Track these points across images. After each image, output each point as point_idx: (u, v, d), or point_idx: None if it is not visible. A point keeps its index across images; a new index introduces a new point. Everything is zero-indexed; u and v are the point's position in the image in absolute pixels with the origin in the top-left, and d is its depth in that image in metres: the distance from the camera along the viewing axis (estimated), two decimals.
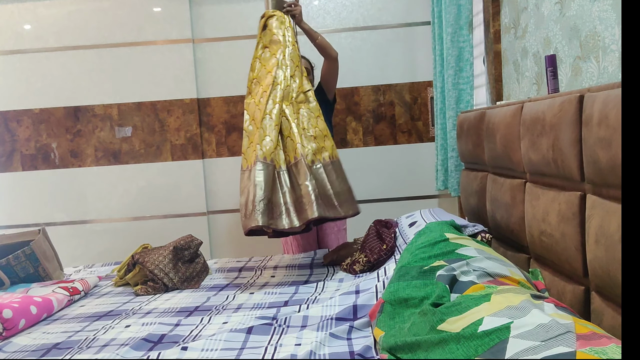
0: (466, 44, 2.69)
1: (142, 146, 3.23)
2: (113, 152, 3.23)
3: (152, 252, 2.18)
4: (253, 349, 1.41)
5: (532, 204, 1.57)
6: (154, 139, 3.23)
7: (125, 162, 3.24)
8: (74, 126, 3.22)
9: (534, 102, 1.56)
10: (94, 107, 3.22)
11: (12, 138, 3.22)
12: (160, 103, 3.21)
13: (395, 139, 3.25)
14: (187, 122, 3.22)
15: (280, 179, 2.11)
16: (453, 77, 2.71)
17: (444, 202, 3.27)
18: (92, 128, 3.22)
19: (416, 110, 3.24)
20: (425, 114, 3.23)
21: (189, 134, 3.22)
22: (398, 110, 3.23)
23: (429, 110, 3.21)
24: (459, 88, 2.71)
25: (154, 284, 2.08)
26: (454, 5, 2.67)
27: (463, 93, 2.71)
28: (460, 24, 2.67)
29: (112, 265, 2.57)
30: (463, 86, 2.71)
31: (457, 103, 2.72)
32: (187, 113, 3.22)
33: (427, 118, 3.23)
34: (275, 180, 2.10)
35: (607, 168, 1.15)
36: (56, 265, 2.33)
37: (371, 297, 1.63)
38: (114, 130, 3.23)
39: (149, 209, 3.25)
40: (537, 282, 1.54)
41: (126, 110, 3.22)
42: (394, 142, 3.26)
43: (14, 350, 1.54)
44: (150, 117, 3.22)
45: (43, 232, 2.33)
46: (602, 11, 1.57)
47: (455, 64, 2.70)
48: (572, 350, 0.88)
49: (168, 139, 3.23)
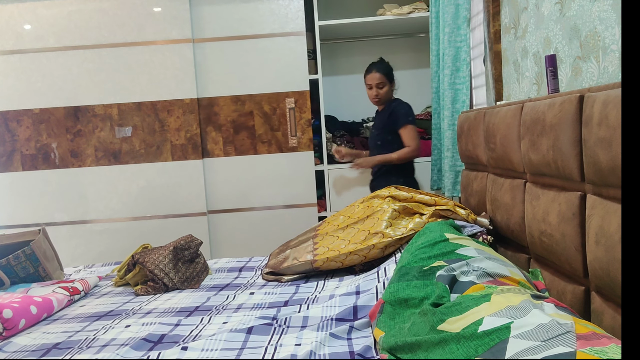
0: (463, 43, 2.67)
1: (142, 146, 3.23)
2: (113, 152, 3.23)
3: (152, 252, 2.18)
4: (253, 349, 1.41)
5: (532, 204, 1.57)
6: (154, 139, 3.23)
7: (125, 162, 3.24)
8: (74, 126, 3.22)
9: (534, 102, 1.56)
10: (94, 107, 3.22)
11: (12, 138, 3.22)
12: (160, 103, 3.22)
13: (256, 149, 3.24)
14: (187, 122, 3.22)
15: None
16: (449, 76, 2.70)
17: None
18: (92, 128, 3.22)
19: (275, 120, 3.23)
20: (284, 125, 3.22)
21: (189, 134, 3.22)
22: (257, 121, 3.21)
23: (287, 121, 3.19)
24: (455, 88, 2.70)
25: (154, 284, 2.07)
26: (452, 5, 2.66)
27: (459, 93, 2.70)
28: (458, 23, 2.67)
29: (112, 265, 2.57)
30: (459, 86, 2.70)
31: (453, 103, 2.71)
32: (187, 113, 3.22)
33: (286, 129, 3.22)
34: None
35: (607, 168, 1.15)
36: (56, 265, 2.33)
37: (371, 297, 1.63)
38: (114, 130, 3.23)
39: (149, 209, 3.25)
40: (537, 282, 1.54)
41: (126, 110, 3.22)
42: (254, 152, 3.25)
43: (14, 350, 1.54)
44: (150, 117, 3.22)
45: (43, 232, 2.33)
46: (602, 11, 1.57)
47: (452, 64, 2.69)
48: (572, 350, 0.88)
49: (168, 139, 3.23)
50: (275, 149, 3.26)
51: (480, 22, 2.80)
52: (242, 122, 3.24)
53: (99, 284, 2.27)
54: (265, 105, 3.23)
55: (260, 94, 3.24)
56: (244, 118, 3.24)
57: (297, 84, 3.24)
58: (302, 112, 3.24)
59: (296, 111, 3.23)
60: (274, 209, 3.31)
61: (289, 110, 3.21)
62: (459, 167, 2.72)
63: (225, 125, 3.25)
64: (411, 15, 3.26)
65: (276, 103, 3.23)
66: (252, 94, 3.24)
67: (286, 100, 3.22)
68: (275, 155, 3.27)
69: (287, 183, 3.29)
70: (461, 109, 2.69)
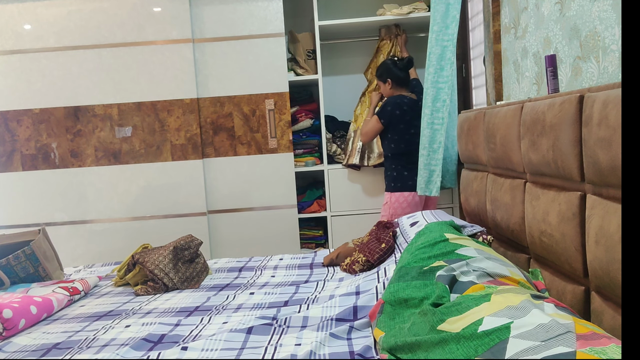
0: (449, 43, 2.67)
1: (142, 146, 3.23)
2: (113, 152, 3.23)
3: (152, 252, 2.18)
4: (253, 349, 1.41)
5: (532, 204, 1.57)
6: (154, 139, 3.23)
7: (125, 162, 3.24)
8: (74, 126, 3.22)
9: (534, 102, 1.56)
10: (94, 107, 3.22)
11: (12, 138, 3.22)
12: (160, 103, 3.21)
13: (235, 151, 3.24)
14: (187, 122, 3.22)
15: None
16: (433, 75, 2.70)
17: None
18: (92, 128, 3.22)
19: (254, 122, 3.22)
20: (264, 126, 3.21)
21: (189, 134, 3.22)
22: (237, 122, 3.20)
23: (267, 122, 3.18)
24: (437, 87, 2.70)
25: (154, 284, 2.08)
26: (443, 4, 2.66)
27: (441, 92, 2.70)
28: (447, 23, 2.66)
29: (112, 265, 2.57)
30: (441, 85, 2.70)
31: (434, 102, 2.71)
32: (187, 113, 3.22)
33: (265, 130, 3.21)
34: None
35: (607, 168, 1.15)
36: (56, 265, 2.33)
37: (371, 298, 1.63)
38: (114, 130, 3.23)
39: (149, 209, 3.25)
40: (537, 282, 1.54)
41: (126, 110, 3.22)
42: (234, 154, 3.24)
43: (14, 350, 1.54)
44: (150, 117, 3.22)
45: (43, 232, 2.33)
46: (602, 11, 1.57)
47: (436, 62, 2.69)
48: (572, 350, 0.88)
49: (168, 139, 3.23)
50: (254, 150, 3.26)
51: (480, 22, 2.80)
52: (222, 123, 3.24)
53: (99, 284, 2.27)
54: (244, 107, 3.23)
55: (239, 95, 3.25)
56: (223, 119, 3.24)
57: (277, 85, 3.24)
58: (282, 113, 3.24)
59: (276, 113, 3.22)
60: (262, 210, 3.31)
61: (269, 112, 3.21)
62: (433, 165, 2.75)
63: (235, 124, 3.25)
64: (411, 15, 3.26)
65: (255, 104, 3.23)
66: (232, 95, 3.24)
67: (265, 102, 3.22)
68: (255, 157, 3.28)
69: (265, 185, 3.29)
70: (441, 109, 2.69)
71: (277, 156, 3.27)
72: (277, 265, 2.36)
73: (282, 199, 3.29)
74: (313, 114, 3.49)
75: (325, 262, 2.31)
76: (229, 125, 3.23)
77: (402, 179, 2.91)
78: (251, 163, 3.27)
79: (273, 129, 3.20)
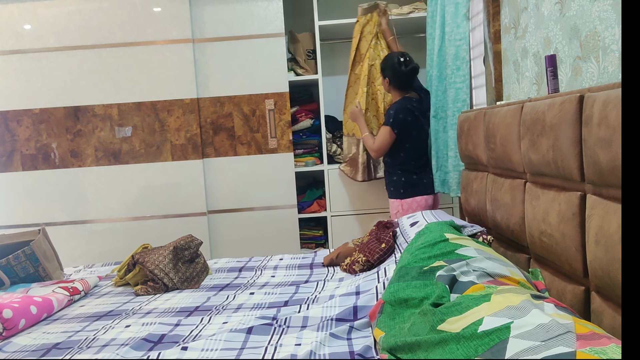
0: (462, 42, 2.67)
1: (142, 146, 3.23)
2: (113, 152, 3.23)
3: (152, 252, 2.18)
4: (253, 349, 1.41)
5: (532, 204, 1.57)
6: (154, 139, 3.23)
7: (125, 162, 3.24)
8: (74, 126, 3.22)
9: (534, 102, 1.56)
10: (94, 107, 3.22)
11: (12, 138, 3.22)
12: (160, 103, 3.22)
13: (235, 151, 3.24)
14: (187, 122, 3.22)
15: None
16: (450, 76, 2.70)
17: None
18: (92, 128, 3.22)
19: (254, 122, 3.22)
20: (264, 126, 3.21)
21: (189, 134, 3.22)
22: (237, 122, 3.20)
23: (267, 122, 3.18)
24: (455, 87, 2.70)
25: (154, 284, 2.08)
26: (452, 4, 2.65)
27: (460, 92, 2.69)
28: (458, 22, 2.66)
29: (112, 265, 2.57)
30: (459, 85, 2.69)
31: (454, 102, 2.70)
32: (187, 113, 3.22)
33: (265, 130, 3.21)
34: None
35: (607, 168, 1.15)
36: (56, 265, 2.33)
37: (371, 298, 1.63)
38: (114, 130, 3.23)
39: (149, 209, 3.25)
40: (537, 282, 1.54)
41: (126, 110, 3.22)
42: (234, 154, 3.24)
43: (14, 350, 1.54)
44: (150, 117, 3.22)
45: (43, 232, 2.33)
46: (602, 11, 1.57)
47: (452, 63, 2.69)
48: (572, 350, 0.88)
49: (168, 139, 3.23)
50: (254, 150, 3.26)
51: (480, 22, 2.80)
52: (222, 123, 3.24)
53: (99, 284, 2.27)
54: (244, 107, 3.23)
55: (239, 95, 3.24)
56: (223, 119, 3.24)
57: (277, 85, 3.23)
58: (282, 113, 3.24)
59: (276, 113, 3.22)
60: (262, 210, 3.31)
61: (269, 112, 3.21)
62: (462, 166, 2.70)
63: (236, 124, 3.24)
64: (411, 15, 3.26)
65: (255, 104, 3.23)
66: (232, 95, 3.23)
67: (265, 102, 3.22)
68: (256, 157, 3.27)
69: (266, 185, 3.28)
70: (462, 108, 2.68)
71: (277, 156, 3.27)
72: (277, 265, 2.36)
73: (282, 199, 3.29)
74: (313, 114, 3.49)
75: (325, 262, 2.31)
76: (229, 125, 3.23)
77: (412, 183, 2.85)
78: (251, 163, 3.27)
79: (273, 129, 3.20)
